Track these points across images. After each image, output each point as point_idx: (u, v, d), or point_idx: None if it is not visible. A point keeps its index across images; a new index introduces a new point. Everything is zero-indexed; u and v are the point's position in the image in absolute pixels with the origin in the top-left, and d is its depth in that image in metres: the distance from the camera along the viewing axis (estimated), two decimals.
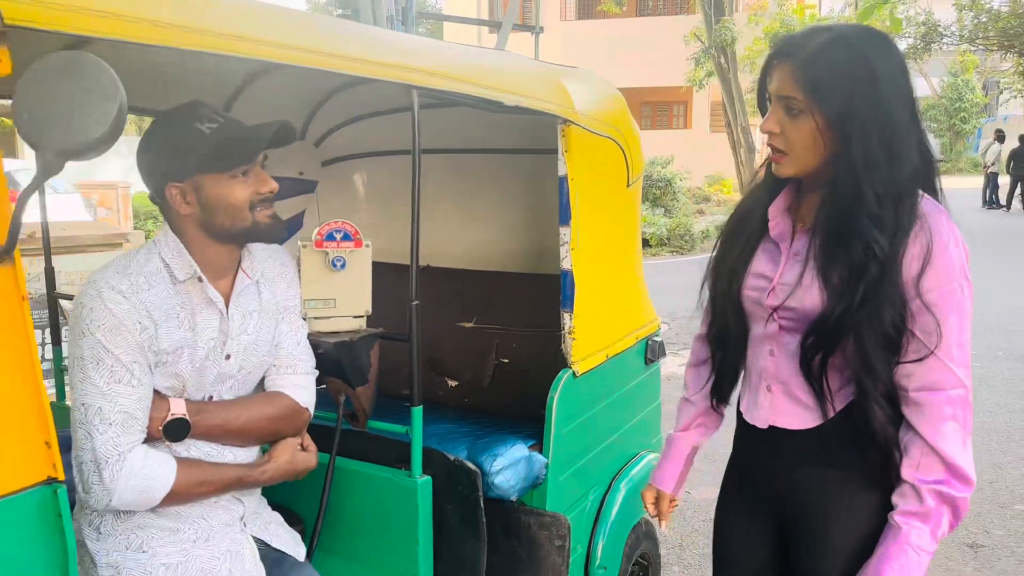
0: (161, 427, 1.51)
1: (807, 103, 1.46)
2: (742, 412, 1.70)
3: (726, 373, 1.76)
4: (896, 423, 1.50)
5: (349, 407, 1.91)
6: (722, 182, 21.78)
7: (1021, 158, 19.50)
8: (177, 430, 1.52)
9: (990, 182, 20.32)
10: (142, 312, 1.48)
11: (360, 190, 3.19)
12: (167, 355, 1.52)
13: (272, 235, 1.62)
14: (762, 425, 1.63)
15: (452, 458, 1.98)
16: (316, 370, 1.79)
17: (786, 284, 1.55)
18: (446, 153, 2.86)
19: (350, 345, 1.81)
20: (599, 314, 2.43)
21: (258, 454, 1.72)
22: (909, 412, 1.47)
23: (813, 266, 1.51)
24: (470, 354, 2.83)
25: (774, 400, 1.61)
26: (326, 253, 1.79)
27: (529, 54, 3.57)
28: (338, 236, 1.80)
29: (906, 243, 1.43)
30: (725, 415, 1.85)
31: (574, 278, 2.25)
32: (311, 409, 1.74)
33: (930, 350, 1.43)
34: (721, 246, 1.74)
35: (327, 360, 1.81)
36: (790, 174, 1.54)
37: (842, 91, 1.43)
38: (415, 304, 1.79)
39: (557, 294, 2.31)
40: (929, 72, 27.75)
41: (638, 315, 2.76)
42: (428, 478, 1.88)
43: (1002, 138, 20.91)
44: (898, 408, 1.49)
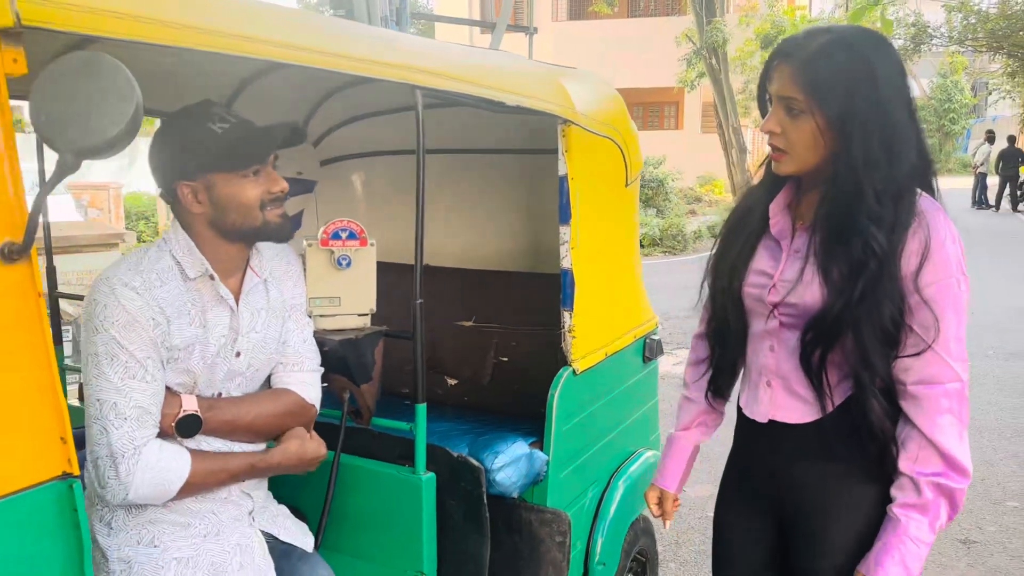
0: (173, 423, 1.52)
1: (808, 103, 1.48)
2: (742, 407, 1.72)
3: (724, 369, 1.78)
4: (893, 417, 1.52)
5: (353, 404, 1.92)
6: (713, 183, 21.84)
7: (1010, 159, 19.64)
8: (189, 426, 1.54)
9: (979, 182, 20.46)
10: (155, 308, 1.49)
11: (359, 190, 3.20)
12: (179, 351, 1.53)
13: (282, 234, 1.64)
14: (762, 420, 1.65)
15: (455, 455, 2.00)
16: (322, 367, 1.80)
17: (787, 281, 1.58)
18: (444, 153, 2.88)
19: (355, 342, 1.82)
20: (598, 312, 2.45)
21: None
22: (907, 406, 1.50)
23: (813, 263, 1.54)
24: (469, 353, 2.85)
25: (774, 395, 1.63)
26: (332, 252, 1.81)
27: (522, 55, 3.57)
28: (343, 235, 1.81)
29: (904, 239, 1.46)
30: (725, 413, 1.88)
31: (574, 277, 2.27)
32: (317, 405, 1.76)
33: (928, 344, 1.46)
34: (721, 244, 1.76)
35: (332, 357, 1.83)
36: (790, 172, 1.57)
37: (843, 92, 1.45)
38: (419, 303, 1.80)
39: (555, 293, 2.33)
40: (918, 73, 27.87)
41: (636, 314, 2.79)
42: (432, 474, 1.90)
43: (992, 139, 21.05)
44: (896, 403, 1.52)
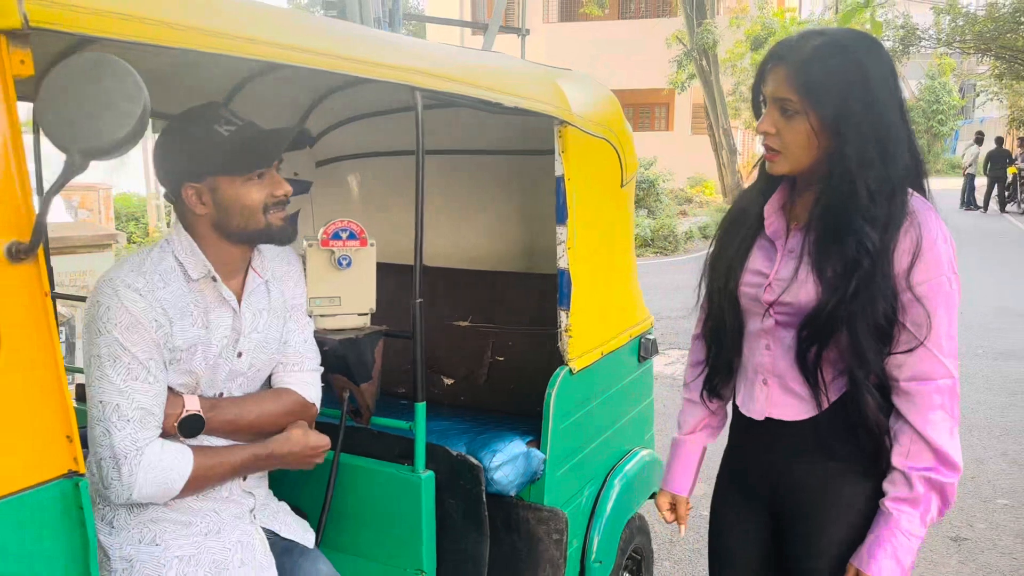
0: (176, 423, 1.53)
1: (802, 104, 1.51)
2: (739, 406, 1.74)
3: (720, 368, 1.80)
4: (887, 412, 1.55)
5: (353, 403, 1.93)
6: (704, 183, 21.91)
7: (997, 160, 19.79)
8: (192, 426, 1.54)
9: (968, 184, 20.61)
10: (158, 310, 1.50)
11: (354, 190, 3.21)
12: (181, 352, 1.54)
13: (284, 237, 1.65)
14: (759, 417, 1.67)
15: (455, 453, 2.01)
16: (322, 367, 1.81)
17: (782, 280, 1.60)
18: (439, 154, 2.89)
19: (355, 342, 1.84)
20: (595, 312, 2.47)
21: None
22: (899, 402, 1.53)
23: (808, 262, 1.56)
24: (465, 352, 2.86)
25: (770, 393, 1.65)
26: (332, 252, 1.82)
27: (514, 56, 3.60)
28: (344, 235, 1.83)
29: (897, 238, 1.48)
30: (728, 414, 1.89)
31: (571, 277, 2.29)
32: (318, 405, 1.77)
33: (920, 341, 1.48)
34: (717, 244, 1.78)
35: (332, 357, 1.84)
36: (784, 172, 1.59)
37: (837, 93, 1.48)
38: (419, 302, 1.82)
39: (551, 293, 2.35)
40: (907, 75, 28.04)
41: (632, 313, 2.80)
42: (431, 473, 1.91)
43: (980, 140, 21.20)
44: (889, 399, 1.55)
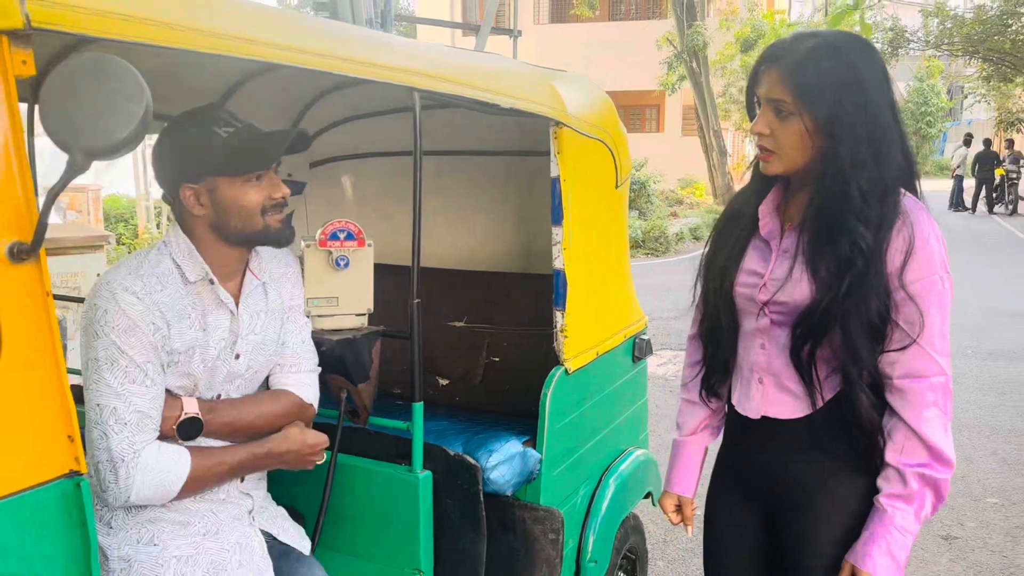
0: (174, 426, 1.53)
1: (796, 105, 1.52)
2: (734, 404, 1.76)
3: (716, 368, 1.81)
4: (881, 410, 1.56)
5: (350, 404, 1.94)
6: (695, 185, 21.97)
7: (985, 162, 19.92)
8: (190, 428, 1.54)
9: (957, 185, 20.75)
10: (155, 313, 1.50)
11: (348, 191, 3.21)
12: (179, 355, 1.54)
13: (282, 240, 1.65)
14: (754, 416, 1.69)
15: (452, 453, 2.02)
16: (319, 367, 1.82)
17: (776, 279, 1.62)
18: (435, 155, 2.90)
19: (353, 342, 1.84)
20: (590, 312, 2.48)
21: None
22: (893, 399, 1.54)
23: (802, 261, 1.58)
24: (461, 353, 2.87)
25: (766, 392, 1.67)
26: (330, 252, 1.83)
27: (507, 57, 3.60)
28: (342, 235, 1.83)
29: (890, 237, 1.50)
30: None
31: (566, 277, 2.30)
32: (316, 405, 1.77)
33: (913, 339, 1.50)
34: (712, 245, 1.79)
35: (330, 357, 1.84)
36: (778, 172, 1.60)
37: (831, 95, 1.50)
38: (417, 302, 1.82)
39: (546, 293, 2.36)
40: (895, 77, 28.15)
41: (626, 313, 2.82)
42: (429, 473, 1.91)
43: (969, 142, 21.34)
44: (883, 396, 1.56)
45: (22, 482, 1.17)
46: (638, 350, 2.87)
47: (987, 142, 20.72)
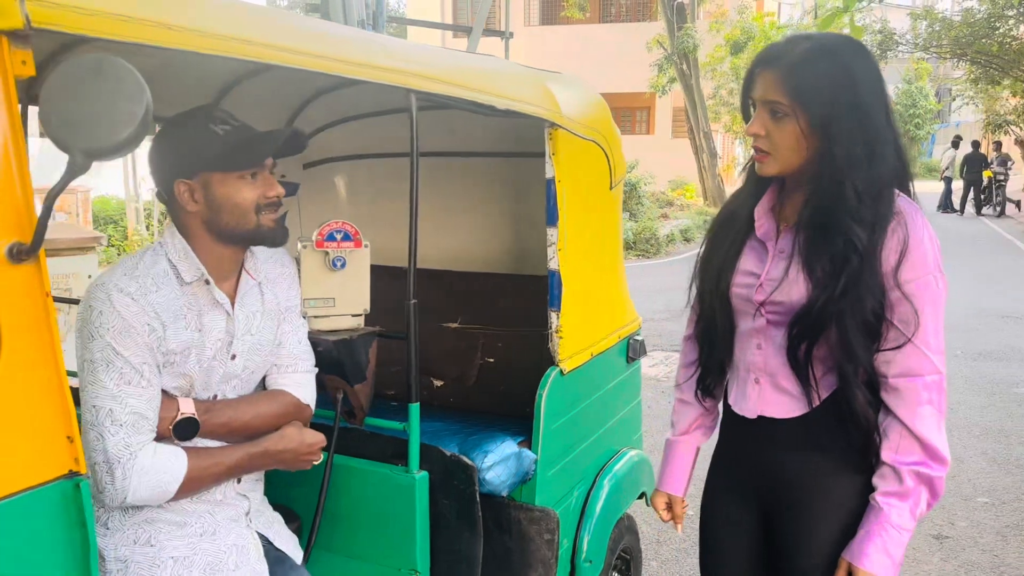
0: (171, 426, 1.53)
1: (792, 107, 1.54)
2: (731, 404, 1.77)
3: (712, 368, 1.82)
4: (876, 407, 1.58)
5: (347, 404, 1.94)
6: (685, 187, 22.04)
7: (974, 163, 20.04)
8: (187, 429, 1.54)
9: (945, 186, 20.86)
10: (151, 314, 1.50)
11: (342, 192, 3.21)
12: (175, 356, 1.54)
13: (276, 239, 1.65)
14: (751, 415, 1.70)
15: (448, 454, 2.02)
16: (316, 368, 1.82)
17: (773, 280, 1.63)
18: (430, 156, 2.90)
19: (350, 343, 1.84)
20: (584, 313, 2.49)
21: None
22: (888, 397, 1.56)
23: (798, 261, 1.59)
24: (456, 354, 2.87)
25: (762, 391, 1.68)
26: (326, 253, 1.83)
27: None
28: (338, 236, 1.83)
29: (884, 237, 1.52)
30: (720, 413, 1.91)
31: (561, 278, 2.30)
32: (312, 406, 1.77)
33: (907, 338, 1.52)
34: (708, 246, 1.80)
35: (326, 358, 1.85)
36: (773, 173, 1.62)
37: (826, 96, 1.51)
38: (413, 303, 1.83)
39: (540, 294, 2.36)
40: (885, 79, 28.28)
41: (620, 314, 2.83)
42: (425, 473, 1.92)
43: (957, 144, 21.46)
44: (878, 394, 1.58)
45: (22, 483, 1.16)
46: (632, 351, 2.88)
47: (975, 144, 20.84)
